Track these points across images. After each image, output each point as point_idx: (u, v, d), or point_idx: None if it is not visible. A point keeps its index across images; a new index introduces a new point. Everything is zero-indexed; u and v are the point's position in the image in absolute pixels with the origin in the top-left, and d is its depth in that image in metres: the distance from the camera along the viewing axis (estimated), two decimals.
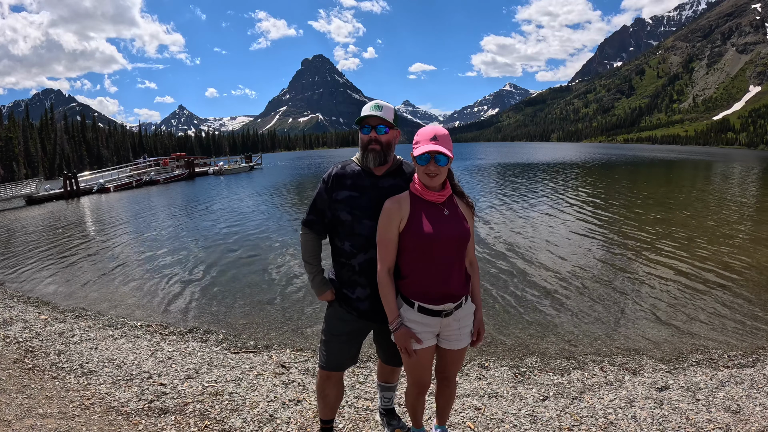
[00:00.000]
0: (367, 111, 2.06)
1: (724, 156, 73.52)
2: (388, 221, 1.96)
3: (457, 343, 2.07)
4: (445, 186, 2.00)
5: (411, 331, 1.97)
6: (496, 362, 4.04)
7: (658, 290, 6.31)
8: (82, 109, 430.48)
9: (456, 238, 1.95)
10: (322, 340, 2.26)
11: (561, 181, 24.86)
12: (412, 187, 2.01)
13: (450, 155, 1.90)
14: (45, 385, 3.46)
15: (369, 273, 2.08)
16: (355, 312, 2.16)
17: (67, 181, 27.34)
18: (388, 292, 1.97)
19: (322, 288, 2.22)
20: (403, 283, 2.00)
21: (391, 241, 1.97)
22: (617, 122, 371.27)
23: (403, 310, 2.00)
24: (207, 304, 6.21)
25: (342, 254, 2.15)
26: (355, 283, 2.13)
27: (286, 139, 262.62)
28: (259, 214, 15.12)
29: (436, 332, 2.04)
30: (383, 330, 2.18)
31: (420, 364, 2.05)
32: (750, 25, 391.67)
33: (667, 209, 13.95)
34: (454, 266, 1.97)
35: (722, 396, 3.25)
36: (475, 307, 2.13)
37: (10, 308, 5.90)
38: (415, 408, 2.31)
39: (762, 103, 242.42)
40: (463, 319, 2.05)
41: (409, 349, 1.97)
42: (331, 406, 2.38)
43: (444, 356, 2.13)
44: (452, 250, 1.95)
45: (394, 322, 1.97)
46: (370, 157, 2.05)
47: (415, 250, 1.94)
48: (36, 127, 66.65)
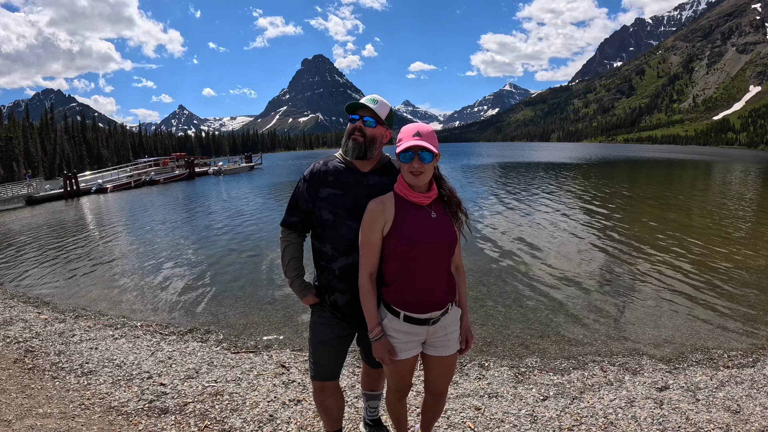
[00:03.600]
0: (362, 101, 1.97)
1: (724, 156, 73.51)
2: (371, 224, 1.84)
3: (444, 350, 1.98)
4: (431, 187, 1.90)
5: (390, 343, 1.89)
6: (496, 362, 4.04)
7: (658, 290, 6.31)
8: (82, 109, 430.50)
9: (443, 243, 1.85)
10: (311, 350, 2.14)
11: (561, 180, 24.86)
12: (397, 187, 1.90)
13: (435, 151, 1.80)
14: (45, 385, 3.46)
15: (350, 278, 1.96)
16: (339, 315, 2.05)
17: (67, 181, 27.36)
18: (369, 299, 1.87)
19: (303, 291, 2.10)
20: (387, 290, 1.90)
21: (373, 246, 1.85)
22: (617, 122, 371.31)
23: (387, 320, 1.90)
24: (207, 304, 6.21)
25: (322, 257, 2.03)
26: (334, 289, 2.01)
27: (286, 139, 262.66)
28: (259, 214, 15.12)
29: (422, 341, 1.95)
30: (368, 335, 2.03)
31: (402, 371, 1.99)
32: (750, 25, 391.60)
33: (667, 209, 13.95)
34: (440, 273, 1.88)
35: (722, 396, 3.24)
36: (462, 312, 2.04)
37: (10, 308, 5.90)
38: (398, 412, 2.19)
39: (762, 103, 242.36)
40: (449, 325, 1.96)
41: (386, 360, 1.88)
42: (335, 417, 2.24)
43: (433, 366, 2.02)
44: (439, 256, 1.86)
45: (373, 331, 1.88)
46: (349, 146, 1.94)
47: (399, 256, 1.83)
48: (36, 127, 66.64)
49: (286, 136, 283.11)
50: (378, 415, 2.56)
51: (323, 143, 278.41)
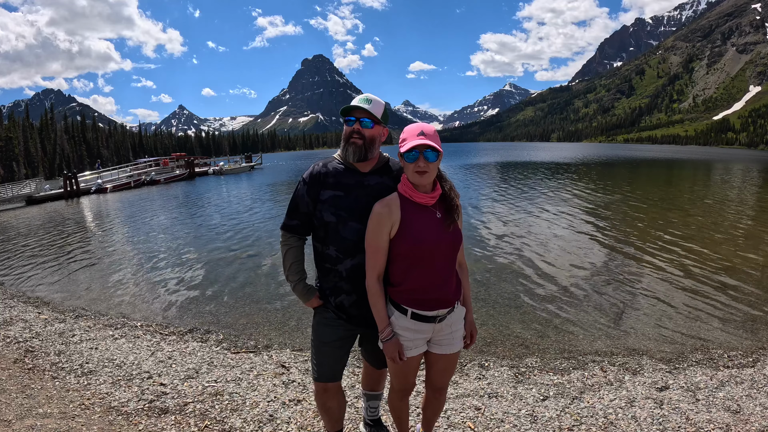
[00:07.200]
0: (355, 102, 1.94)
1: (724, 156, 73.49)
2: (378, 227, 1.84)
3: (449, 348, 1.99)
4: (435, 187, 1.90)
5: (401, 343, 1.90)
6: (496, 362, 4.04)
7: (658, 290, 6.31)
8: (82, 109, 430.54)
9: (450, 242, 1.87)
10: (313, 352, 2.12)
11: (561, 180, 24.86)
12: (401, 188, 1.89)
13: (440, 149, 1.81)
14: (45, 385, 3.46)
15: (356, 279, 1.95)
16: (344, 316, 2.04)
17: (67, 181, 27.35)
18: (378, 301, 1.88)
19: (307, 294, 2.08)
20: (395, 290, 1.90)
21: (381, 248, 1.86)
22: (617, 122, 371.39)
23: (394, 317, 1.91)
24: (207, 304, 6.21)
25: (327, 260, 2.01)
26: (341, 290, 2.00)
27: (287, 139, 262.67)
28: (259, 214, 15.12)
29: (427, 338, 1.96)
30: (373, 335, 2.04)
31: (408, 370, 2.00)
32: (750, 25, 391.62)
33: (667, 209, 13.95)
34: (449, 271, 1.90)
35: (722, 396, 3.25)
36: (466, 309, 2.06)
37: (10, 308, 5.90)
38: (400, 412, 2.20)
39: (762, 103, 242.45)
40: (455, 323, 1.98)
41: (397, 360, 1.90)
42: (336, 418, 2.23)
43: (436, 362, 2.04)
44: (446, 255, 1.88)
45: (384, 332, 1.90)
46: (350, 151, 1.93)
47: (408, 257, 1.84)
48: (36, 127, 66.63)
49: (286, 136, 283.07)
50: (378, 415, 2.55)
51: (323, 143, 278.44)
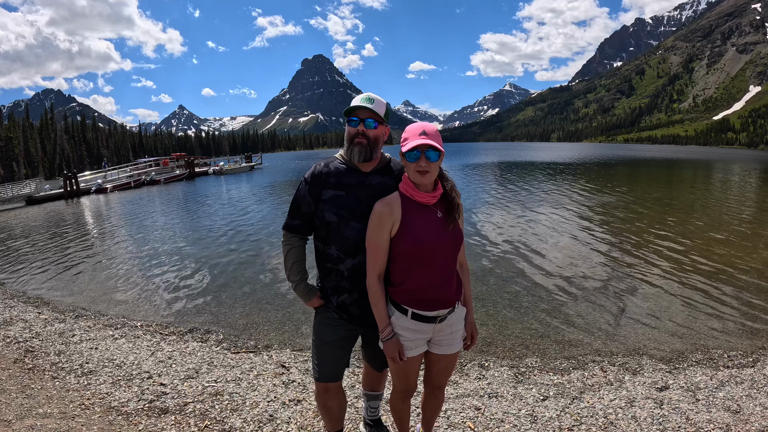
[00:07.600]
0: (358, 102, 1.93)
1: (724, 156, 73.48)
2: (379, 226, 1.84)
3: (449, 348, 1.99)
4: (436, 186, 1.90)
5: (401, 342, 1.90)
6: (496, 362, 4.04)
7: (658, 290, 6.31)
8: (82, 109, 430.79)
9: (451, 242, 1.87)
10: (314, 352, 2.12)
11: (561, 180, 24.86)
12: (402, 187, 1.89)
13: (441, 149, 1.81)
14: (45, 385, 3.46)
15: (358, 279, 1.96)
16: (346, 316, 2.04)
17: (67, 181, 27.34)
18: (378, 300, 1.88)
19: (308, 294, 2.08)
20: (396, 290, 1.90)
21: (382, 248, 1.86)
22: (617, 122, 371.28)
23: (395, 317, 1.91)
24: (207, 304, 6.21)
25: (328, 259, 2.01)
26: (342, 290, 2.00)
27: (287, 139, 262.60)
28: (259, 214, 15.13)
29: (428, 338, 1.96)
30: (374, 335, 2.05)
31: (409, 370, 1.99)
32: (750, 25, 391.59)
33: (667, 209, 13.95)
34: (450, 271, 1.90)
35: (722, 396, 3.25)
36: (467, 310, 2.05)
37: (10, 308, 5.90)
38: (402, 413, 2.19)
39: (762, 103, 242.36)
40: (455, 323, 1.98)
41: (397, 359, 1.90)
42: (336, 418, 2.23)
43: (436, 362, 2.04)
44: (447, 256, 1.87)
45: (384, 331, 1.89)
46: (355, 152, 1.93)
47: (408, 257, 1.84)
48: (36, 127, 66.62)
49: (286, 136, 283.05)
50: (378, 415, 2.55)
51: (323, 143, 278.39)
